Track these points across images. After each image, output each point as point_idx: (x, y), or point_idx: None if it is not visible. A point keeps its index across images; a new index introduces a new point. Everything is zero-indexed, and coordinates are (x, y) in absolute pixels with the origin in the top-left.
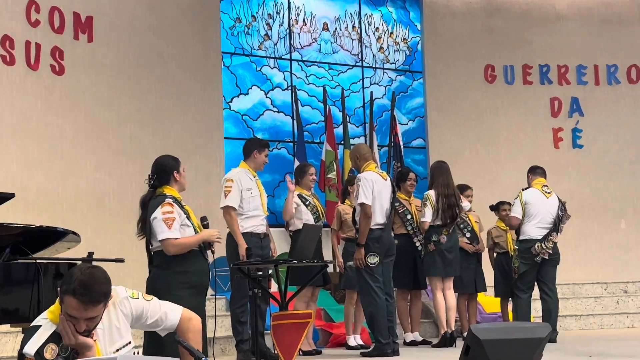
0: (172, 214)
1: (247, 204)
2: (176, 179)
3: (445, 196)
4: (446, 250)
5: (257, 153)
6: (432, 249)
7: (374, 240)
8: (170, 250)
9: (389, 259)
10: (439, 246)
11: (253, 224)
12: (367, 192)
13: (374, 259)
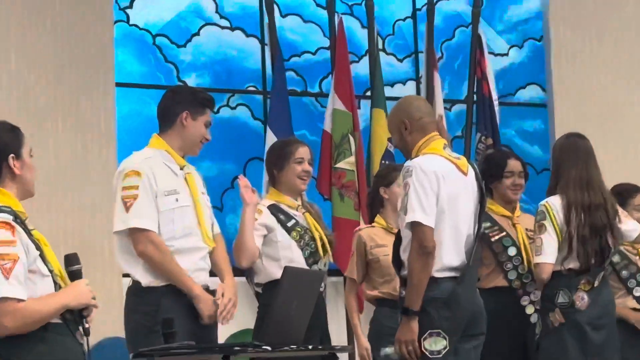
0: (11, 247)
1: (169, 224)
2: (14, 172)
3: (584, 209)
4: (589, 325)
5: (189, 118)
6: (558, 323)
7: (440, 304)
8: (7, 323)
9: (472, 343)
10: (572, 317)
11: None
12: (424, 198)
13: (440, 344)
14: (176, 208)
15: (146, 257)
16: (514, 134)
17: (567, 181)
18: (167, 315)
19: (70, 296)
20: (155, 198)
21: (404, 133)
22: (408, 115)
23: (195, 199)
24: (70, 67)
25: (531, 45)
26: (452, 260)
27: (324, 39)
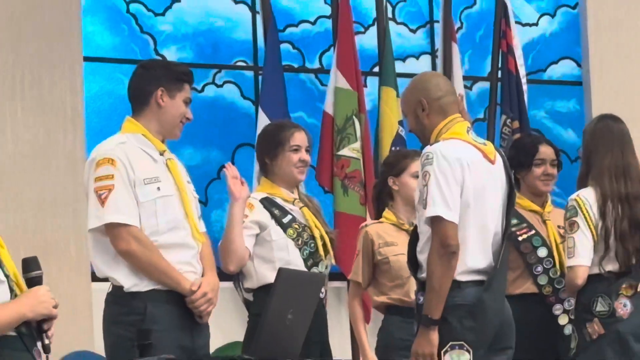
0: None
1: (152, 218)
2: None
3: (622, 200)
4: (633, 336)
5: (166, 96)
6: (597, 334)
7: (463, 313)
8: None
9: (499, 357)
10: (612, 326)
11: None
12: (447, 189)
13: (464, 358)
14: (158, 198)
15: (129, 256)
16: (545, 115)
17: (600, 170)
18: (155, 325)
19: (27, 306)
20: (134, 188)
21: (421, 115)
22: (426, 94)
23: (180, 188)
24: (32, 40)
25: (565, 14)
26: (477, 263)
27: (324, 6)
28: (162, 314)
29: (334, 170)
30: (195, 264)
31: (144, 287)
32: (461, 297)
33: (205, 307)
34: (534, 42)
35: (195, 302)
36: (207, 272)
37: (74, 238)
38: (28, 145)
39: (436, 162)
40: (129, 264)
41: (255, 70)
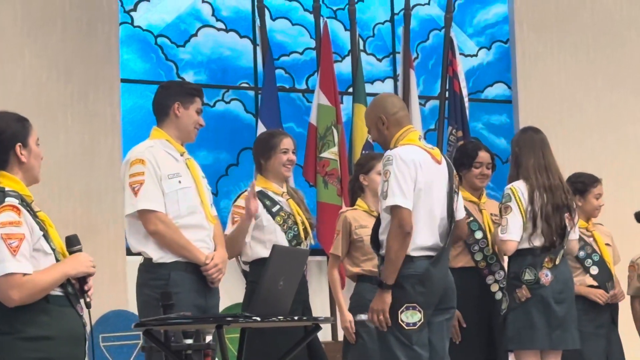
0: (17, 227)
1: (175, 205)
2: (20, 159)
3: (546, 190)
4: (552, 299)
5: (181, 108)
6: (525, 298)
7: (415, 281)
8: (14, 295)
9: (443, 316)
10: (537, 291)
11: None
12: (404, 183)
13: (415, 317)
14: (179, 189)
15: (157, 235)
16: (482, 127)
17: (527, 168)
18: (176, 288)
19: (69, 265)
20: (160, 182)
21: (382, 128)
22: (384, 110)
23: (197, 181)
24: (80, 64)
25: (498, 47)
26: (426, 241)
27: (310, 40)
28: (182, 279)
29: (317, 169)
30: (208, 241)
31: (168, 259)
32: (413, 269)
33: (216, 275)
34: (473, 69)
35: (209, 271)
36: (218, 248)
37: (112, 221)
38: (77, 146)
39: (395, 163)
40: (156, 241)
41: (255, 90)
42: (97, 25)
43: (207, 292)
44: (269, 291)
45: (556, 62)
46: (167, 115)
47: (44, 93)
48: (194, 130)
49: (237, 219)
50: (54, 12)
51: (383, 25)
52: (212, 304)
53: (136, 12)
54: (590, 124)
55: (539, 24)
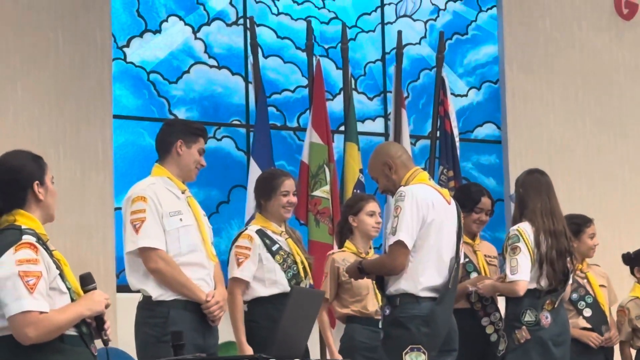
0: (35, 265)
1: (176, 243)
2: (38, 197)
3: (551, 234)
4: (551, 341)
5: (184, 146)
6: (524, 339)
7: (420, 322)
8: (30, 333)
9: (446, 358)
10: (536, 333)
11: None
12: (412, 222)
13: (419, 359)
14: (180, 227)
15: (157, 273)
16: (472, 167)
17: (533, 210)
18: (175, 327)
19: (84, 306)
20: (161, 219)
21: (389, 173)
22: (388, 155)
23: (198, 219)
24: (72, 99)
25: (488, 87)
26: (432, 281)
27: (302, 78)
28: (182, 317)
29: (309, 207)
30: (208, 280)
31: (168, 297)
32: (418, 309)
33: (218, 312)
34: (463, 108)
35: (210, 309)
36: (218, 286)
37: (102, 257)
38: (68, 181)
39: (407, 199)
40: (156, 278)
41: (247, 128)
42: (89, 61)
43: (206, 331)
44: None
45: (545, 102)
46: (169, 152)
47: (35, 128)
48: (194, 170)
49: (242, 260)
50: (47, 46)
51: (374, 64)
52: (211, 343)
53: (129, 48)
54: (579, 165)
55: (529, 64)
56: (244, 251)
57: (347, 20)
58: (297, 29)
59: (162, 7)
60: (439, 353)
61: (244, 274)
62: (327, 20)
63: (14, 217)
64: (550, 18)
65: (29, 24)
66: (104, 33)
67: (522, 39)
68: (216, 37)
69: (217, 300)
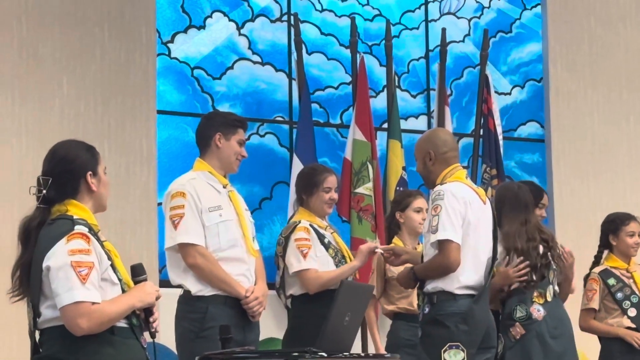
0: (87, 255)
1: (215, 238)
2: (91, 188)
3: (522, 223)
4: (548, 334)
5: (222, 139)
6: (519, 335)
7: (458, 319)
8: (83, 324)
9: (485, 355)
10: (531, 326)
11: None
12: (455, 219)
13: (458, 356)
14: (220, 222)
15: (196, 268)
16: (515, 165)
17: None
18: (214, 322)
19: (135, 297)
20: (200, 214)
21: (428, 163)
22: (434, 147)
23: (239, 214)
24: (117, 95)
25: (532, 86)
26: (469, 280)
27: (345, 75)
28: (220, 313)
29: (351, 204)
30: (249, 275)
31: (207, 292)
32: (456, 307)
33: (257, 308)
34: (507, 107)
35: (250, 304)
36: (258, 281)
37: (146, 252)
38: (112, 177)
39: (446, 198)
40: (195, 274)
41: (290, 124)
42: (134, 57)
43: (245, 326)
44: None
45: (589, 101)
46: (208, 146)
47: (81, 123)
48: (235, 162)
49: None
50: (93, 42)
51: (418, 61)
52: (251, 339)
53: (173, 44)
54: (622, 165)
55: (573, 63)
56: (305, 242)
57: (391, 18)
58: (341, 25)
59: (207, 3)
60: (478, 350)
61: (311, 264)
62: (371, 17)
63: (66, 207)
64: (595, 16)
65: (75, 19)
66: (148, 29)
67: (566, 37)
68: (260, 33)
69: (257, 296)
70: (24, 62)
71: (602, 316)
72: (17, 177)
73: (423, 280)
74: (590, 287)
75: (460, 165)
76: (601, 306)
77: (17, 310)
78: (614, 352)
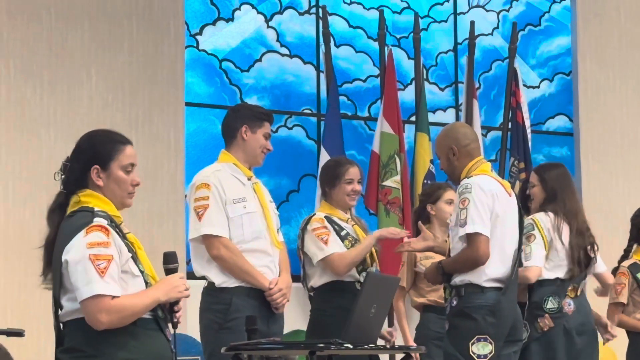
0: (106, 248)
1: (239, 229)
2: (96, 182)
3: (572, 228)
4: (575, 330)
5: (249, 131)
6: (547, 327)
7: (486, 312)
8: (103, 318)
9: (512, 348)
10: (559, 320)
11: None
12: (483, 212)
13: (486, 349)
14: (244, 214)
15: (219, 260)
16: (543, 159)
17: (561, 203)
18: (238, 314)
19: (161, 291)
20: (225, 206)
21: (452, 158)
22: (456, 141)
23: (263, 205)
24: (145, 87)
25: (560, 79)
26: (496, 272)
27: (373, 68)
28: (244, 304)
29: (379, 197)
30: (273, 267)
31: (231, 284)
32: (484, 299)
33: (280, 300)
34: (535, 100)
35: (273, 296)
36: (282, 273)
37: (173, 243)
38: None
39: (474, 191)
40: (219, 265)
41: (318, 117)
42: (163, 48)
43: (269, 318)
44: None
45: (618, 95)
46: (234, 138)
47: (109, 114)
48: (261, 155)
49: (327, 237)
50: (121, 34)
51: (446, 54)
52: (275, 330)
53: (201, 36)
54: None
55: (602, 57)
56: (323, 230)
57: (420, 10)
58: (369, 18)
59: None
60: (505, 343)
61: (335, 248)
62: (399, 9)
63: (87, 198)
64: (625, 10)
65: (104, 11)
66: (177, 21)
67: (595, 31)
68: (288, 25)
69: (280, 288)
70: (52, 53)
71: (630, 310)
72: (45, 167)
73: (451, 274)
74: (619, 281)
75: (483, 157)
76: (629, 300)
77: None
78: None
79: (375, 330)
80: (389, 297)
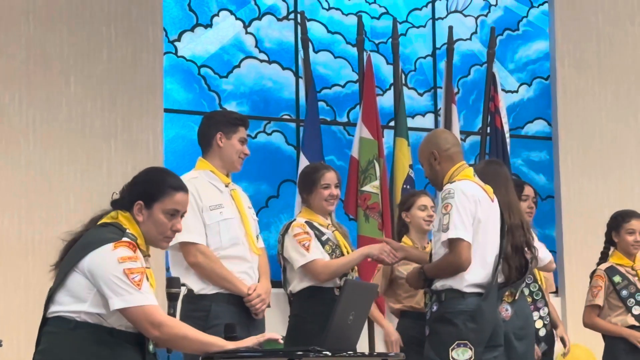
0: (136, 262)
1: (216, 236)
2: (137, 218)
3: (507, 229)
4: (514, 335)
5: (224, 138)
6: None
7: (466, 317)
8: (155, 333)
9: (492, 353)
10: None
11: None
12: (465, 217)
13: (466, 354)
14: (221, 221)
15: (197, 267)
16: (522, 163)
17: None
18: (217, 320)
19: (216, 346)
20: (202, 213)
21: (434, 163)
22: (436, 146)
23: (241, 212)
24: (124, 93)
25: (539, 84)
26: (477, 277)
27: (352, 73)
28: (223, 311)
29: (358, 202)
30: (251, 273)
31: (209, 290)
32: (465, 305)
33: (260, 305)
34: (514, 105)
35: (252, 302)
36: (262, 279)
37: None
38: (119, 176)
39: (457, 196)
40: (196, 272)
41: (297, 122)
42: (141, 55)
43: (250, 324)
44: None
45: (597, 99)
46: (210, 145)
47: (88, 121)
48: (238, 160)
49: (308, 243)
50: (100, 41)
51: (425, 59)
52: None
53: (180, 42)
54: (630, 162)
55: (580, 61)
56: (305, 236)
57: (398, 16)
58: (347, 24)
59: (213, 2)
60: (485, 349)
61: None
62: (377, 15)
63: (125, 220)
64: (603, 14)
65: (83, 18)
66: (155, 27)
67: (573, 35)
68: (267, 31)
69: (259, 293)
70: (31, 60)
71: (605, 313)
72: (23, 175)
73: (432, 279)
74: (595, 284)
75: (465, 163)
76: (605, 303)
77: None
78: (618, 351)
79: (353, 337)
80: (367, 304)
